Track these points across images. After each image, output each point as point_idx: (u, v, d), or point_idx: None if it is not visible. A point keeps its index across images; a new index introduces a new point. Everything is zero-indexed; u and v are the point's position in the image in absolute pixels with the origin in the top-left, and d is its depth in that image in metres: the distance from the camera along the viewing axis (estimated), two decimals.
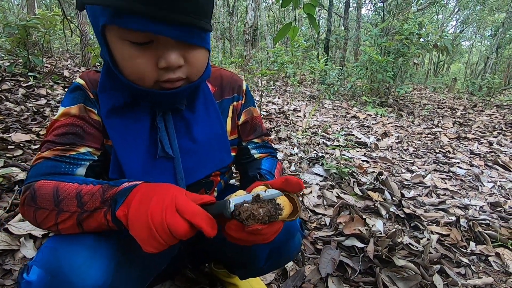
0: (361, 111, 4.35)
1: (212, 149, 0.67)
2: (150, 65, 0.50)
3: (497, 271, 1.20)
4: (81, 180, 0.51)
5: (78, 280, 0.43)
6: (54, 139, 0.56)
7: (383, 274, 1.05)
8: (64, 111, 0.58)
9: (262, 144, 0.79)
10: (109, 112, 0.57)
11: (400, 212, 1.52)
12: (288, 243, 0.68)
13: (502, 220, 1.58)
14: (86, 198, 0.47)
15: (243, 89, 0.75)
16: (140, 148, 0.59)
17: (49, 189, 0.49)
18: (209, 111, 0.67)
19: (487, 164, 2.52)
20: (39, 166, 0.54)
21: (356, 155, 2.43)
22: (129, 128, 0.58)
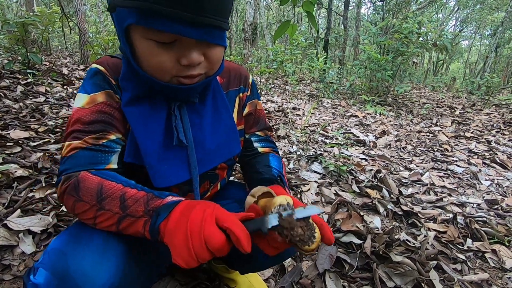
0: (360, 109, 4.36)
1: (221, 140, 0.68)
2: (172, 62, 0.52)
3: (493, 267, 1.21)
4: (125, 182, 0.52)
5: (86, 285, 0.44)
6: (84, 128, 0.56)
7: (380, 269, 1.06)
8: (90, 98, 0.57)
9: (264, 138, 0.80)
10: (129, 101, 0.59)
11: (398, 209, 1.53)
12: None
13: (499, 218, 1.59)
14: (130, 202, 0.49)
15: (249, 82, 0.77)
16: (157, 135, 0.60)
17: (94, 184, 0.51)
18: (217, 102, 0.68)
19: (485, 162, 2.53)
20: (76, 156, 0.54)
21: (354, 153, 2.44)
22: (147, 116, 0.59)
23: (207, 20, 0.48)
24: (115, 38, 3.21)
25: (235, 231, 0.42)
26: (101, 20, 9.52)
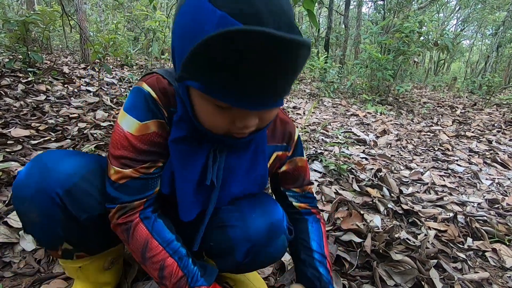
0: (361, 109, 4.35)
1: (248, 187, 0.71)
2: (227, 123, 0.53)
3: (493, 266, 1.21)
4: (167, 245, 0.62)
5: (55, 166, 0.59)
6: (135, 157, 0.58)
7: (380, 268, 1.06)
8: (142, 126, 0.57)
9: (301, 194, 0.80)
10: (177, 138, 0.59)
11: (398, 208, 1.53)
12: (270, 243, 0.69)
13: (499, 217, 1.59)
14: (166, 275, 0.60)
15: (293, 139, 0.75)
16: (195, 174, 0.62)
17: (142, 238, 0.61)
18: (258, 151, 0.68)
19: (485, 162, 2.53)
20: (128, 185, 0.59)
21: (355, 152, 2.43)
22: (190, 155, 0.61)
23: (269, 103, 0.49)
24: (115, 37, 3.21)
25: None
26: (101, 19, 9.52)
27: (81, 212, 0.61)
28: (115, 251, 0.79)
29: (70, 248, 0.66)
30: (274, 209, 0.71)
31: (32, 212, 0.59)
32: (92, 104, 2.59)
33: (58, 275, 0.92)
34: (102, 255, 0.76)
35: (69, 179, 0.59)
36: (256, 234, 0.67)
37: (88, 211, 0.62)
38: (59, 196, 0.58)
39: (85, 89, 3.04)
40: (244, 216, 0.69)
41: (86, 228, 0.64)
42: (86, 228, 0.64)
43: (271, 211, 0.70)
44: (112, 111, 2.52)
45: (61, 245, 0.65)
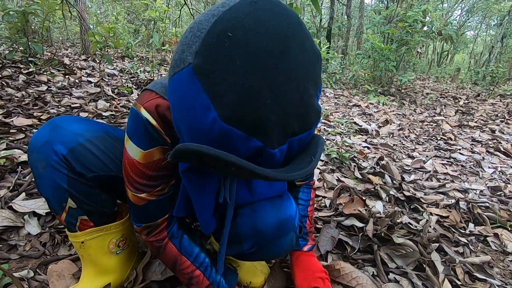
0: (363, 99, 4.32)
1: (265, 197, 0.71)
2: None
3: (495, 250, 1.22)
4: (194, 259, 0.70)
5: (64, 125, 0.66)
6: (147, 183, 0.61)
7: (381, 251, 1.07)
8: (146, 154, 0.58)
9: (305, 177, 0.83)
10: (186, 169, 0.59)
11: (400, 195, 1.53)
12: (279, 239, 0.69)
13: (501, 204, 1.59)
14: (194, 283, 0.70)
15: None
16: (210, 195, 0.63)
17: (172, 255, 0.68)
18: None
19: (488, 150, 2.52)
20: (148, 207, 0.64)
21: (357, 142, 2.43)
22: (203, 180, 0.61)
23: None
24: (115, 26, 3.19)
25: None
26: (101, 11, 9.44)
27: (86, 170, 0.66)
28: (119, 233, 0.80)
29: (74, 207, 0.69)
30: (287, 205, 0.71)
31: (39, 162, 0.64)
32: (93, 95, 2.59)
33: (64, 257, 0.93)
34: (106, 234, 0.77)
35: (74, 138, 0.65)
36: (265, 228, 0.68)
37: (94, 171, 0.68)
38: (63, 151, 0.64)
39: (86, 80, 3.03)
40: (255, 206, 0.70)
41: (92, 187, 0.69)
42: (92, 187, 0.69)
43: (284, 207, 0.71)
44: (113, 101, 2.52)
45: (66, 204, 0.68)
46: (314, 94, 0.38)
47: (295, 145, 0.39)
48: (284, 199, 0.72)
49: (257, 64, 0.33)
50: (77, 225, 0.73)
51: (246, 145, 0.35)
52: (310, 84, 0.37)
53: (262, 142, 0.35)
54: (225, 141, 0.35)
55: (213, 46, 0.34)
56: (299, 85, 0.36)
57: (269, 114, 0.34)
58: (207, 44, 0.35)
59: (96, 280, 0.78)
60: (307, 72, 0.37)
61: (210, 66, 0.34)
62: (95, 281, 0.77)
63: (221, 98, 0.34)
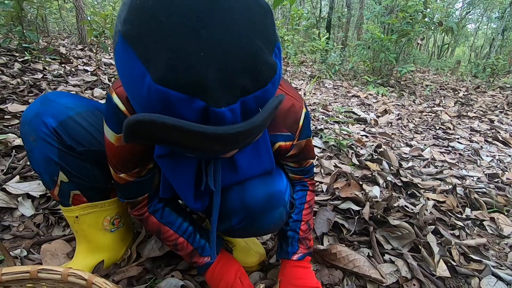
0: (362, 90, 4.30)
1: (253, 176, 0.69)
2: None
3: (491, 234, 1.22)
4: (177, 228, 0.72)
5: (55, 99, 0.67)
6: (124, 164, 0.61)
7: (377, 233, 1.06)
8: (119, 137, 0.58)
9: (299, 169, 0.78)
10: (161, 155, 0.59)
11: (397, 181, 1.53)
12: (267, 213, 0.68)
13: (499, 190, 1.59)
14: (180, 249, 0.73)
15: (298, 126, 0.66)
16: (191, 179, 0.63)
17: (154, 227, 0.71)
18: (259, 146, 0.64)
19: (487, 140, 2.51)
20: (128, 187, 0.65)
21: (355, 130, 2.41)
22: (180, 164, 0.61)
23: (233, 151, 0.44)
24: (111, 13, 3.14)
25: None
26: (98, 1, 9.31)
27: (76, 144, 0.67)
28: (113, 210, 0.79)
29: (66, 181, 0.69)
30: (277, 180, 0.70)
31: (30, 134, 0.65)
32: (89, 83, 2.56)
33: (57, 237, 0.93)
34: (100, 210, 0.76)
35: (65, 111, 0.66)
36: (253, 201, 0.67)
37: (84, 144, 0.68)
38: (53, 123, 0.64)
39: (83, 68, 3.00)
40: (244, 181, 0.68)
41: (83, 161, 0.70)
42: (83, 161, 0.70)
43: (273, 181, 0.69)
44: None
45: (57, 178, 0.68)
46: (264, 48, 0.35)
47: (251, 104, 0.36)
48: (274, 175, 0.71)
49: (185, 19, 0.31)
50: (70, 200, 0.73)
51: (190, 108, 0.33)
52: (257, 37, 0.34)
53: (204, 101, 0.33)
54: (167, 106, 0.33)
55: (138, 9, 0.33)
56: (241, 38, 0.33)
57: (205, 70, 0.32)
58: (132, 8, 0.33)
59: (90, 256, 0.77)
60: (251, 25, 0.34)
61: (137, 29, 0.32)
62: (89, 258, 0.77)
63: (153, 61, 0.32)
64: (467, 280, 0.95)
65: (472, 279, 0.95)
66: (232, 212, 0.69)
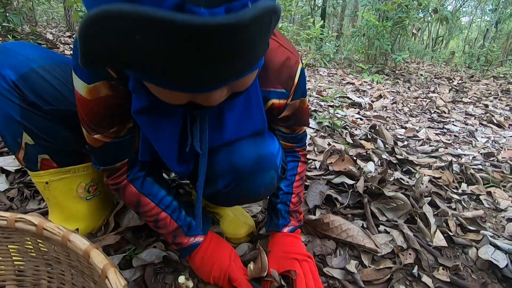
0: (357, 78, 4.25)
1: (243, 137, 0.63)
2: (186, 98, 0.39)
3: (487, 208, 1.19)
4: (159, 201, 0.64)
5: (16, 49, 0.59)
6: (99, 122, 0.54)
7: (372, 206, 1.02)
8: (90, 89, 0.50)
9: (291, 136, 0.72)
10: (141, 109, 0.51)
11: (393, 159, 1.49)
12: (256, 176, 0.62)
13: (494, 167, 1.56)
14: (161, 226, 0.65)
15: (294, 83, 0.60)
16: (174, 140, 0.57)
17: (133, 198, 0.63)
18: (251, 103, 0.58)
19: (481, 123, 2.49)
20: (104, 150, 0.58)
21: (350, 114, 2.37)
22: (162, 122, 0.54)
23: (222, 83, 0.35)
24: None
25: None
26: None
27: (41, 101, 0.59)
28: (88, 176, 0.73)
29: (31, 143, 0.62)
30: (268, 142, 0.63)
31: None
32: None
33: (31, 211, 0.87)
34: (73, 176, 0.70)
35: (26, 63, 0.58)
36: (242, 162, 0.61)
37: (51, 103, 0.61)
38: (12, 76, 0.57)
39: (70, 53, 2.90)
40: (232, 143, 0.62)
41: (51, 122, 0.62)
42: (51, 122, 0.62)
43: (264, 143, 0.63)
44: None
45: (21, 139, 0.61)
46: None
47: None
48: (265, 136, 0.65)
49: None
50: (38, 165, 0.66)
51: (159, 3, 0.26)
52: None
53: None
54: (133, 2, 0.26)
55: None
56: None
57: None
58: None
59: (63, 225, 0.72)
60: None
61: None
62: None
63: None
64: (464, 250, 0.92)
65: (470, 249, 0.91)
66: (219, 174, 0.63)
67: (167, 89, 0.36)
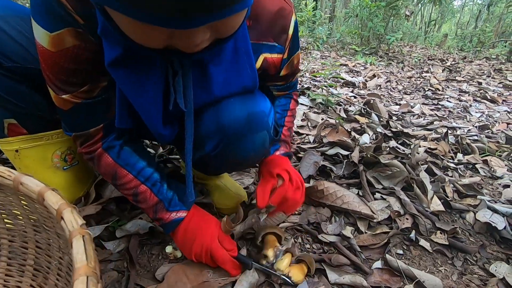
0: (351, 60, 4.19)
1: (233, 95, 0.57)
2: (165, 39, 0.35)
3: (484, 176, 1.17)
4: (138, 173, 0.58)
5: None
6: (67, 79, 0.47)
7: (368, 174, 0.99)
8: (54, 38, 0.42)
9: (285, 86, 0.70)
10: (115, 59, 0.44)
11: (388, 131, 1.45)
12: (247, 137, 0.57)
13: (489, 139, 1.54)
14: (141, 200, 0.59)
15: (288, 36, 0.56)
16: (158, 97, 0.50)
17: (109, 168, 0.57)
18: (239, 57, 0.52)
19: (475, 99, 2.48)
20: (75, 112, 0.51)
21: (343, 92, 2.33)
22: (141, 76, 0.47)
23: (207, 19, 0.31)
24: None
25: (223, 267, 0.61)
26: None
27: (2, 57, 0.53)
28: (64, 144, 0.68)
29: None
30: (259, 100, 0.58)
31: None
32: None
33: None
34: (47, 143, 0.65)
35: None
36: (230, 121, 0.55)
37: (14, 59, 0.54)
38: None
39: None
40: (219, 101, 0.56)
41: (17, 83, 0.56)
42: (17, 83, 0.56)
43: (255, 101, 0.57)
44: None
45: None
46: None
47: None
48: (256, 95, 0.60)
49: None
50: (5, 131, 0.60)
51: None
52: None
53: None
54: None
55: None
56: None
57: None
58: None
59: None
60: None
61: None
62: None
63: None
64: (462, 214, 0.90)
65: (467, 213, 0.89)
66: (206, 136, 0.58)
67: (142, 23, 0.30)
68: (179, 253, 0.68)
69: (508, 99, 2.52)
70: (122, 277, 0.60)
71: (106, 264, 0.62)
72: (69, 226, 0.25)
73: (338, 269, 0.65)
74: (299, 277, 0.61)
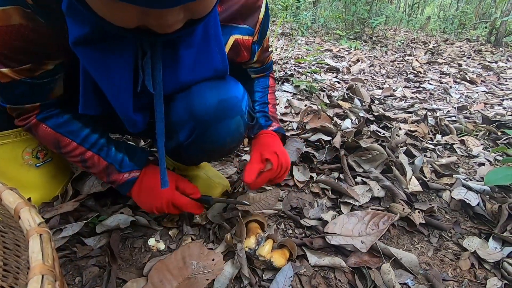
0: (335, 45, 4.19)
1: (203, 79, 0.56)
2: (136, 18, 0.34)
3: (460, 155, 1.21)
4: (82, 140, 0.56)
5: None
6: (9, 53, 0.45)
7: (349, 159, 1.01)
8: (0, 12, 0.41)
9: (262, 68, 0.72)
10: (81, 38, 0.42)
11: (370, 116, 1.47)
12: (220, 123, 0.56)
13: (467, 119, 1.59)
14: (90, 165, 0.58)
15: (259, 19, 0.57)
16: (126, 78, 0.48)
17: (49, 137, 0.55)
18: (209, 40, 0.51)
19: (455, 81, 2.53)
20: (13, 87, 0.48)
21: (327, 78, 2.33)
22: (109, 56, 0.44)
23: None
24: None
25: (186, 210, 0.62)
26: None
27: None
28: (34, 141, 0.66)
29: None
30: (230, 85, 0.57)
31: None
32: None
33: None
34: (15, 141, 0.62)
35: None
36: (202, 107, 0.54)
37: None
38: None
39: None
40: (190, 87, 0.55)
41: None
42: None
43: (226, 86, 0.56)
44: None
45: None
46: None
47: None
48: (228, 80, 0.59)
49: None
50: None
51: None
52: None
53: None
54: None
55: None
56: None
57: None
58: None
59: None
60: None
61: None
62: None
63: None
64: (439, 193, 0.93)
65: (444, 192, 0.93)
66: (179, 124, 0.57)
67: (116, 0, 0.30)
68: (162, 245, 0.68)
69: (486, 79, 2.59)
70: (103, 272, 0.59)
71: (87, 260, 0.62)
72: (26, 225, 0.24)
73: (319, 252, 0.67)
74: (281, 261, 0.62)
